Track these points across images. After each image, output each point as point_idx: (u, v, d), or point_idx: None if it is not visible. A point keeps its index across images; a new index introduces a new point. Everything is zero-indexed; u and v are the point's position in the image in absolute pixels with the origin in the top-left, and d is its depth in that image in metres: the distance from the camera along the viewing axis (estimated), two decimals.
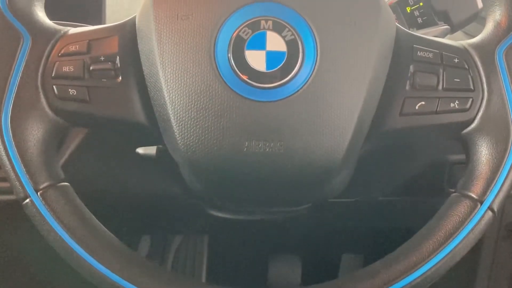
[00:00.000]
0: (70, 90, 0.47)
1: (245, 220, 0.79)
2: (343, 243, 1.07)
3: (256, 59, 0.45)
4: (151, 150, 0.65)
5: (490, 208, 0.47)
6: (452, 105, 0.48)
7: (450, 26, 0.67)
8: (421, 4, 0.66)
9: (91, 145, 0.69)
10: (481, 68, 0.48)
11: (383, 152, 0.61)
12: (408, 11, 0.66)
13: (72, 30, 0.49)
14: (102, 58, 0.47)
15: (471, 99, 0.48)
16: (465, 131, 0.49)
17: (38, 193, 0.47)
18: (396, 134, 0.50)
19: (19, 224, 0.73)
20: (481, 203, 0.47)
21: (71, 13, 0.73)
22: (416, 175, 0.75)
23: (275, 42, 0.45)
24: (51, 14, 0.51)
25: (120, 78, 0.47)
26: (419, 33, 0.54)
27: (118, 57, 0.47)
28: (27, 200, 0.47)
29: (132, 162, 0.68)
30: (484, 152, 0.48)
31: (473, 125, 0.48)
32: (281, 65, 0.45)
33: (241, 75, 0.45)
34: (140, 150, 0.66)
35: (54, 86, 0.47)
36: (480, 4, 0.65)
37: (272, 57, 0.45)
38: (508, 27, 0.48)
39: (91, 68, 0.47)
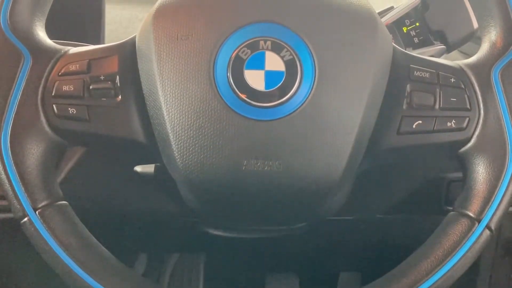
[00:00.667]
0: (70, 109, 0.47)
1: (242, 238, 0.79)
2: (341, 261, 1.07)
3: (255, 79, 0.45)
4: (149, 168, 0.65)
5: (487, 227, 0.47)
6: (449, 124, 0.48)
7: (446, 46, 0.67)
8: (417, 24, 0.67)
9: (89, 163, 0.69)
10: (477, 88, 0.48)
11: (380, 170, 0.61)
12: (405, 31, 0.67)
13: (73, 50, 0.49)
14: (102, 77, 0.48)
15: (467, 119, 0.48)
16: (462, 150, 0.49)
17: (37, 212, 0.46)
18: (393, 152, 0.50)
19: (16, 243, 0.72)
20: (479, 222, 0.47)
21: (71, 32, 0.74)
22: (413, 193, 0.75)
23: (274, 62, 0.45)
24: (51, 33, 0.51)
25: (120, 97, 0.48)
26: (415, 53, 0.55)
27: (118, 76, 0.48)
28: (25, 219, 0.47)
29: (130, 180, 0.68)
30: (481, 171, 0.48)
31: (470, 144, 0.49)
32: (279, 84, 0.45)
33: (240, 94, 0.45)
34: (138, 168, 0.66)
35: (54, 105, 0.47)
36: (475, 24, 0.66)
37: (271, 76, 0.45)
38: (504, 47, 0.49)
39: (91, 87, 0.47)
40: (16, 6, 0.47)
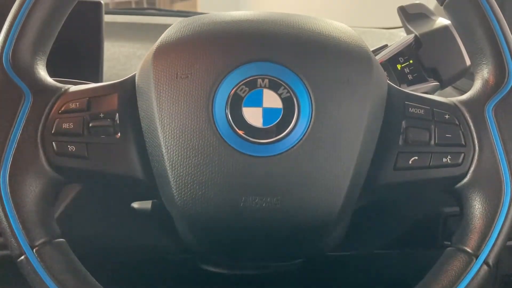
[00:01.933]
0: (69, 146, 0.47)
1: (239, 275, 0.78)
2: None
3: (253, 116, 0.46)
4: (146, 204, 0.65)
5: (485, 262, 0.47)
6: (444, 160, 0.49)
7: (440, 82, 0.68)
8: (411, 61, 0.68)
9: (86, 199, 0.69)
10: (472, 124, 0.49)
11: (378, 205, 0.61)
12: (399, 68, 0.68)
13: (73, 88, 0.50)
14: (101, 115, 0.48)
15: (462, 154, 0.49)
16: (458, 185, 0.49)
17: (34, 250, 0.46)
18: (390, 188, 0.50)
19: (13, 281, 0.71)
20: (477, 257, 0.47)
21: (70, 68, 0.75)
22: (411, 228, 0.75)
23: (272, 99, 0.46)
24: (50, 69, 0.52)
25: (119, 134, 0.48)
26: (409, 89, 0.56)
27: (117, 114, 0.48)
28: (22, 257, 0.46)
29: (127, 216, 0.68)
30: (477, 206, 0.48)
31: (465, 180, 0.49)
32: (277, 121, 0.46)
33: (238, 130, 0.46)
34: (135, 205, 0.66)
35: (53, 143, 0.47)
36: (468, 61, 0.67)
37: (269, 113, 0.46)
38: (496, 84, 0.50)
39: (90, 124, 0.48)
40: (18, 45, 0.48)
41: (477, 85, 0.51)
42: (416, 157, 0.49)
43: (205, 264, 0.75)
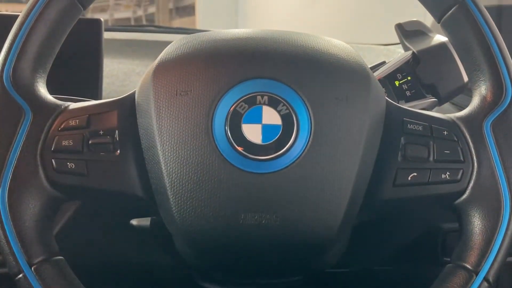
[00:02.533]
0: (68, 163, 0.47)
1: None
2: None
3: (252, 132, 0.46)
4: (145, 221, 0.65)
5: (485, 279, 0.47)
6: (443, 176, 0.49)
7: (438, 99, 0.69)
8: (409, 78, 0.68)
9: (84, 216, 0.68)
10: (470, 140, 0.49)
11: (377, 221, 0.61)
12: (397, 85, 0.68)
13: (72, 105, 0.50)
14: (101, 132, 0.48)
15: (461, 170, 0.49)
16: (457, 201, 0.49)
17: (32, 268, 0.46)
18: (390, 204, 0.50)
19: None
20: (477, 274, 0.47)
21: (70, 85, 0.75)
22: (410, 244, 0.75)
23: (271, 116, 0.46)
24: (50, 86, 0.52)
25: (119, 151, 0.48)
26: (407, 106, 0.56)
27: (117, 131, 0.48)
28: (20, 275, 0.46)
29: (125, 233, 0.68)
30: (477, 223, 0.48)
31: (464, 196, 0.49)
32: (276, 138, 0.46)
33: (237, 147, 0.46)
34: (134, 222, 0.66)
35: (53, 160, 0.47)
36: (465, 78, 0.68)
37: (268, 130, 0.46)
38: (494, 101, 0.50)
39: (90, 142, 0.48)
40: (19, 63, 0.48)
41: (475, 101, 0.51)
42: (415, 174, 0.49)
43: (204, 281, 0.74)
